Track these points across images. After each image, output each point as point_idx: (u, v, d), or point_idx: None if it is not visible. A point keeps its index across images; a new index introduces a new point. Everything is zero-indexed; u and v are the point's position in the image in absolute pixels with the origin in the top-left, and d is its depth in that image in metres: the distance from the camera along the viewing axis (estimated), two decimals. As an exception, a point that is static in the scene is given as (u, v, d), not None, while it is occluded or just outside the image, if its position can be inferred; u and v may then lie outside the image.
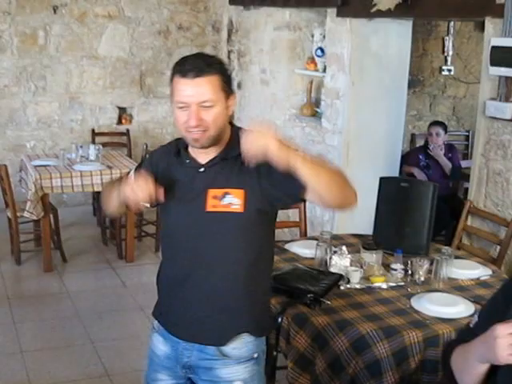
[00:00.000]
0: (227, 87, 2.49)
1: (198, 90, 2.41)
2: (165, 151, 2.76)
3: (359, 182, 5.89)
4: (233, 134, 2.59)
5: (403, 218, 4.09)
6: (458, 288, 3.68)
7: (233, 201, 2.49)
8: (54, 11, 7.81)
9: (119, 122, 8.49)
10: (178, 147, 2.66)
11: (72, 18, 7.94)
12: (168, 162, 2.67)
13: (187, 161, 2.61)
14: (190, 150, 2.61)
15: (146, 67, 8.45)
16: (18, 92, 7.90)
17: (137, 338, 5.20)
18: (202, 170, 2.58)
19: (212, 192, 2.52)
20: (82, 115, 8.25)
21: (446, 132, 7.10)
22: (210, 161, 2.57)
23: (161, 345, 2.73)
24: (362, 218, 5.52)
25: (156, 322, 2.78)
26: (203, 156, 2.58)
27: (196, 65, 2.42)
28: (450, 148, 7.18)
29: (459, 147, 8.17)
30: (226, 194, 2.50)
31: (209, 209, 2.51)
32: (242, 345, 2.62)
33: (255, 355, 2.66)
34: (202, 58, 2.48)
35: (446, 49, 8.47)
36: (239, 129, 2.58)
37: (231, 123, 2.63)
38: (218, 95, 2.44)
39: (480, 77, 5.17)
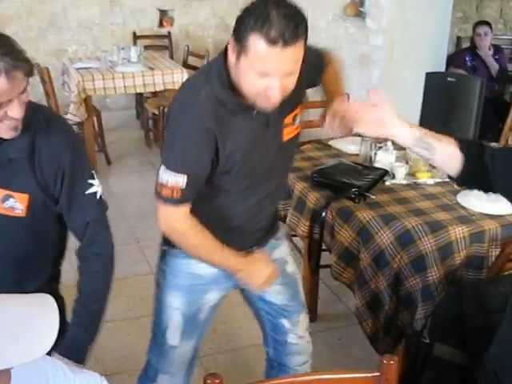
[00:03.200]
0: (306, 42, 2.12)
1: (287, 60, 2.03)
2: (209, 117, 2.18)
3: (404, 81, 5.79)
4: None
5: (449, 113, 4.03)
6: (504, 185, 3.61)
7: (297, 120, 2.41)
8: None
9: (160, 24, 8.42)
10: (222, 100, 2.18)
11: None
12: (225, 124, 2.20)
13: (254, 112, 2.20)
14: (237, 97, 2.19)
15: (187, -33, 8.31)
16: (59, -4, 7.86)
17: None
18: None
19: (285, 121, 2.36)
20: (123, 18, 8.20)
21: (492, 32, 6.95)
22: None
23: (207, 267, 2.51)
24: (405, 117, 5.46)
25: None
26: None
27: (286, 30, 1.97)
28: (497, 49, 7.04)
29: (506, 51, 7.98)
30: (296, 115, 2.39)
31: (285, 137, 2.38)
32: (281, 228, 2.75)
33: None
34: (290, 18, 2.00)
35: None
36: None
37: None
38: (302, 56, 2.10)
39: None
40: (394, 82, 6.35)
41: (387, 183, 3.58)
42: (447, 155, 2.03)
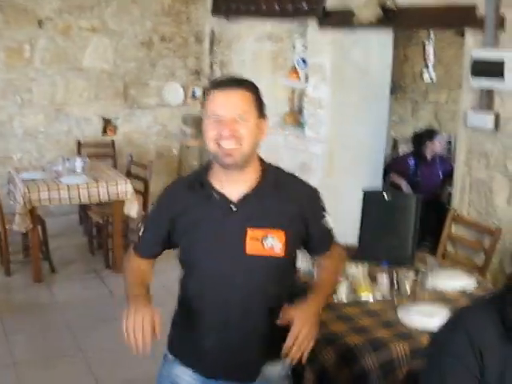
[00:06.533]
0: (260, 108, 2.44)
1: (233, 100, 2.36)
2: (182, 187, 2.57)
3: (343, 191, 5.86)
4: (263, 168, 2.55)
5: (388, 229, 4.13)
6: (443, 299, 3.68)
7: (274, 243, 2.43)
8: (39, 25, 7.88)
9: (104, 132, 8.55)
10: (201, 180, 2.50)
11: (56, 31, 8.00)
12: (188, 200, 2.51)
13: (216, 196, 2.46)
14: (216, 183, 2.48)
15: (130, 78, 8.52)
16: (5, 105, 7.95)
17: (126, 348, 5.24)
18: (234, 209, 2.45)
19: (251, 233, 2.42)
20: (68, 126, 8.31)
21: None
22: (243, 198, 2.46)
23: (188, 377, 2.63)
24: (345, 228, 5.57)
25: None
26: (232, 191, 2.46)
27: (230, 79, 2.43)
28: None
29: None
30: (268, 235, 2.43)
31: (249, 252, 2.43)
32: (279, 365, 2.64)
33: (289, 372, 2.73)
34: (235, 78, 2.47)
35: (426, 54, 8.52)
36: (270, 165, 2.59)
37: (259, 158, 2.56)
38: (251, 110, 2.39)
39: (461, 82, 5.19)
40: (334, 190, 6.51)
41: (329, 300, 3.64)
42: None
